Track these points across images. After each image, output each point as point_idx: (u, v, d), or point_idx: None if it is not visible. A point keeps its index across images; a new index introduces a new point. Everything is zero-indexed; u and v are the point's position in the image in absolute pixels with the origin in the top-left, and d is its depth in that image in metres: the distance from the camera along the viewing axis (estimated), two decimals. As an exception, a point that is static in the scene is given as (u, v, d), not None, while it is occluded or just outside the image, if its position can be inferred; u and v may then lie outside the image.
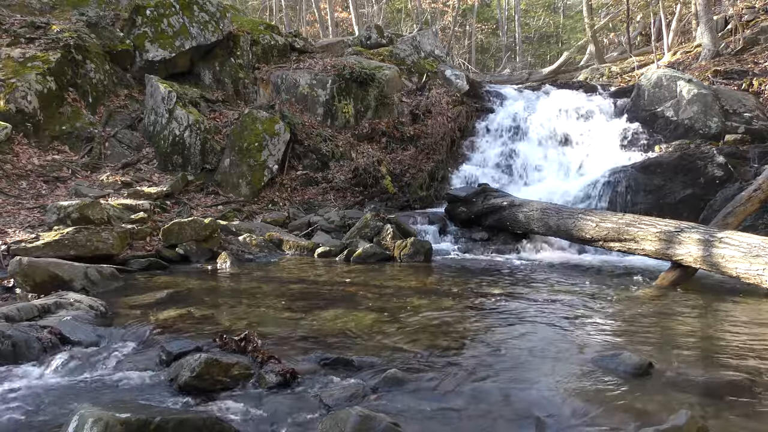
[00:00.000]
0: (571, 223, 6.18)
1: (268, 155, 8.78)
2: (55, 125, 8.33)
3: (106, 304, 3.89)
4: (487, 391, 2.56)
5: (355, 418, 2.06)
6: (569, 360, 2.98)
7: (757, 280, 4.44)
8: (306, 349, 3.05)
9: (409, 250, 6.18)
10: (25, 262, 4.34)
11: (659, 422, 2.14)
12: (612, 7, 19.45)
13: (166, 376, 2.70)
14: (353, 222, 7.11)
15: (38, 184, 7.27)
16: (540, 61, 26.90)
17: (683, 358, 3.04)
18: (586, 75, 16.34)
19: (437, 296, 4.45)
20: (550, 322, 3.72)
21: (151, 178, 8.22)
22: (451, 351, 3.08)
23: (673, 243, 5.07)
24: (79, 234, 5.29)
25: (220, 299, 4.24)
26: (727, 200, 6.52)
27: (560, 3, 28.83)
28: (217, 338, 2.99)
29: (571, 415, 2.31)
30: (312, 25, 25.06)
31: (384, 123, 10.44)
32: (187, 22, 9.99)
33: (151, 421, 1.92)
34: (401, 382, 2.61)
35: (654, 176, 7.88)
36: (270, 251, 6.43)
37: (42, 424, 2.28)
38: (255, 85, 10.72)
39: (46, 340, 3.07)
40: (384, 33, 14.33)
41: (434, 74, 12.00)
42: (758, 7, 13.05)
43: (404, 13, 27.76)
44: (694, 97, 9.07)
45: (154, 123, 8.86)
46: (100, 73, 9.16)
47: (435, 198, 9.30)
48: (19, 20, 9.15)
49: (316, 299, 4.29)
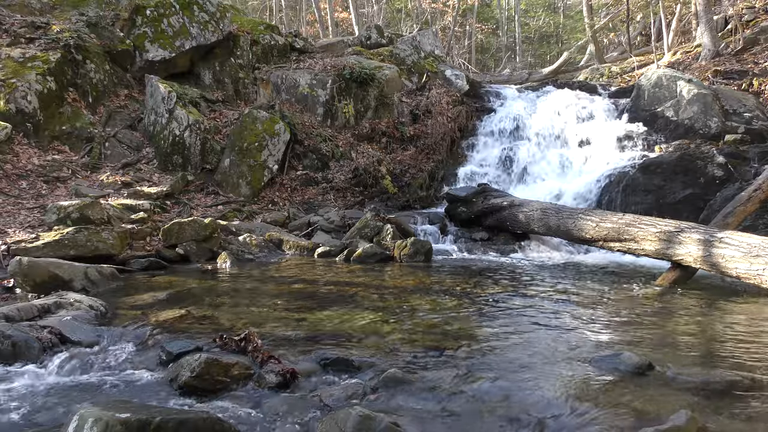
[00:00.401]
0: (571, 223, 6.18)
1: (268, 155, 8.78)
2: (55, 125, 8.33)
3: (106, 304, 3.89)
4: (486, 391, 2.56)
5: (355, 417, 2.06)
6: (569, 360, 2.98)
7: (757, 280, 4.44)
8: (306, 349, 3.05)
9: (409, 250, 6.18)
10: (25, 262, 4.34)
11: (659, 422, 2.14)
12: (612, 7, 19.45)
13: (166, 376, 2.70)
14: (353, 222, 7.11)
15: (38, 184, 7.27)
16: (540, 61, 26.90)
17: (683, 358, 3.04)
18: (586, 75, 16.35)
19: (437, 296, 4.45)
20: (550, 322, 3.72)
21: (151, 178, 8.22)
22: (451, 351, 3.07)
23: (673, 243, 5.07)
24: (79, 234, 5.29)
25: (220, 299, 4.24)
26: (727, 200, 6.52)
27: (560, 3, 28.82)
28: (217, 338, 2.99)
29: (571, 415, 2.30)
30: (312, 25, 25.04)
31: (384, 123, 10.45)
32: (187, 22, 9.99)
33: (151, 421, 1.92)
34: (401, 382, 2.60)
35: (654, 176, 7.88)
36: (270, 251, 6.43)
37: (42, 424, 2.28)
38: (255, 85, 10.72)
39: (46, 340, 3.07)
40: (384, 33, 14.33)
41: (434, 74, 12.00)
42: (758, 7, 13.05)
43: (404, 13, 27.75)
44: (694, 97, 9.07)
45: (154, 123, 8.86)
46: (100, 73, 9.16)
47: (435, 198, 9.30)
48: (19, 20, 9.15)
49: (316, 299, 4.29)
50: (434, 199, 9.26)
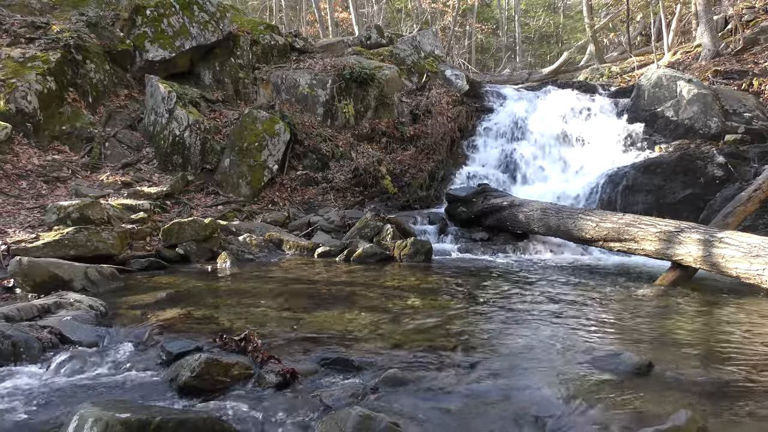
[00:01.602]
0: (571, 223, 6.18)
1: (268, 155, 8.78)
2: (55, 125, 8.32)
3: (106, 304, 3.88)
4: (486, 390, 2.56)
5: (355, 417, 2.06)
6: (569, 360, 2.98)
7: (757, 280, 4.44)
8: (306, 349, 3.05)
9: (409, 250, 6.18)
10: (25, 262, 4.33)
11: (659, 422, 2.14)
12: (612, 7, 19.46)
13: (166, 376, 2.70)
14: (353, 222, 7.11)
15: (38, 184, 7.27)
16: (540, 61, 26.90)
17: (683, 358, 3.04)
18: (586, 75, 16.35)
19: (437, 296, 4.45)
20: (550, 322, 3.72)
21: (151, 178, 8.22)
22: (450, 351, 3.07)
23: (673, 243, 5.07)
24: (79, 234, 5.29)
25: (220, 299, 4.24)
26: (727, 200, 6.52)
27: (560, 3, 28.82)
28: (217, 338, 2.99)
29: (571, 414, 2.31)
30: (312, 25, 25.04)
31: (384, 123, 10.45)
32: (187, 22, 9.99)
33: (151, 421, 1.92)
34: (401, 382, 2.60)
35: (654, 176, 7.88)
36: (270, 251, 6.43)
37: (42, 424, 2.27)
38: (255, 85, 10.72)
39: (46, 340, 3.07)
40: (384, 33, 14.33)
41: (434, 74, 12.00)
42: (758, 7, 13.05)
43: (404, 13, 27.75)
44: (694, 97, 9.07)
45: (154, 123, 8.86)
46: (100, 73, 9.16)
47: (435, 198, 9.30)
48: (19, 20, 9.15)
49: (316, 299, 4.29)
50: (434, 199, 9.26)
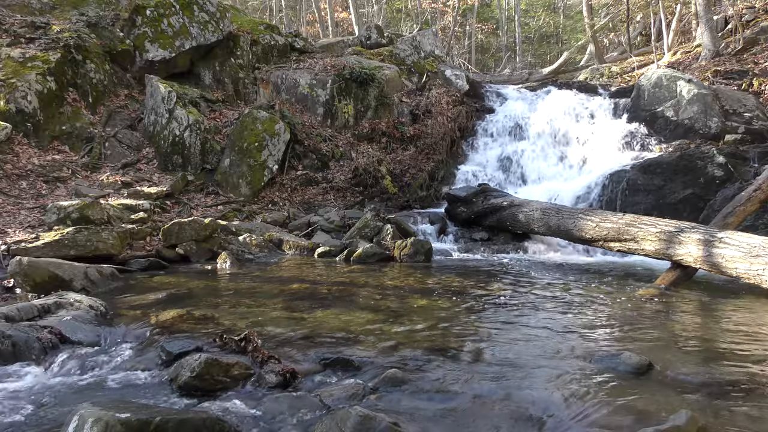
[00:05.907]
0: (571, 223, 6.18)
1: (268, 155, 8.78)
2: (55, 125, 8.33)
3: (106, 304, 3.88)
4: (487, 390, 2.56)
5: (355, 418, 2.06)
6: (569, 360, 2.98)
7: (757, 280, 4.44)
8: (306, 349, 3.05)
9: (409, 250, 6.18)
10: (25, 262, 4.34)
11: (659, 422, 2.14)
12: (612, 7, 19.45)
13: (166, 376, 2.70)
14: (353, 222, 7.11)
15: (38, 184, 7.27)
16: (540, 61, 26.89)
17: (683, 358, 3.04)
18: (586, 75, 16.33)
19: (437, 296, 4.45)
20: (550, 322, 3.72)
21: (151, 178, 8.22)
22: (451, 351, 3.07)
23: (673, 243, 5.07)
24: (79, 234, 5.29)
25: (220, 299, 4.24)
26: (727, 200, 6.52)
27: (560, 3, 28.81)
28: (217, 338, 2.99)
29: (571, 414, 2.31)
30: (312, 25, 25.05)
31: (384, 123, 10.45)
32: (187, 22, 9.99)
33: (151, 421, 1.92)
34: (401, 382, 2.60)
35: (654, 176, 7.87)
36: (270, 251, 6.43)
37: (42, 424, 2.28)
38: (255, 85, 10.72)
39: (46, 340, 3.07)
40: (384, 33, 14.34)
41: (434, 74, 12.01)
42: (758, 7, 13.05)
43: (404, 13, 27.75)
44: (694, 97, 9.07)
45: (154, 123, 8.86)
46: (100, 73, 9.16)
47: (435, 198, 9.30)
48: (19, 20, 9.15)
49: (316, 299, 4.29)
50: (434, 199, 9.26)
